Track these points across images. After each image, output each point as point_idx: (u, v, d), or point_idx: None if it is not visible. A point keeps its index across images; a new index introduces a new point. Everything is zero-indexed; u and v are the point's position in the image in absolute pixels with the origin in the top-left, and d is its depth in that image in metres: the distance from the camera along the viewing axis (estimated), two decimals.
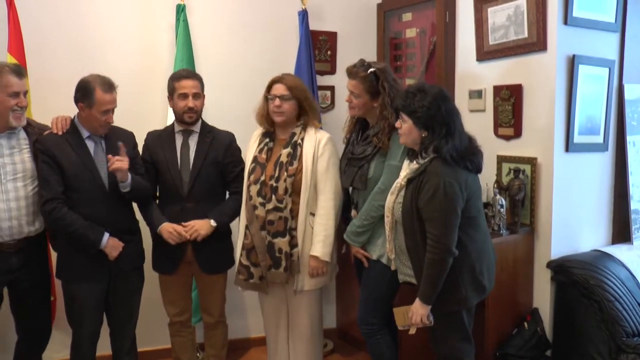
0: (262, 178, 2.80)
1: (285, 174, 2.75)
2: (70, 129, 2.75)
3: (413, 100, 2.32)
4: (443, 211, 2.25)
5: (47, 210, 2.66)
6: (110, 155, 2.65)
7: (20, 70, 2.65)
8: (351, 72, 2.74)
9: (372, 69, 2.68)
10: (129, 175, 2.69)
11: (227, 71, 3.55)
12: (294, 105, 2.83)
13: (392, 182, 2.54)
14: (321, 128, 3.00)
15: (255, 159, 2.87)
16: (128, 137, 2.87)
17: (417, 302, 2.36)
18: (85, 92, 2.66)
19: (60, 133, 2.73)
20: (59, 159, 2.67)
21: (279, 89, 2.81)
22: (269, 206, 2.75)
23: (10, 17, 3.07)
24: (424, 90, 2.34)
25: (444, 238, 2.25)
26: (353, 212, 2.81)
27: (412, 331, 2.47)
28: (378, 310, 2.74)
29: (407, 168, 2.45)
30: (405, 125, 2.37)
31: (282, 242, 2.75)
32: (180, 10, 3.40)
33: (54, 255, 2.89)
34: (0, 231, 2.62)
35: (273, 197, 2.75)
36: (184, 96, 2.87)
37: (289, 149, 2.79)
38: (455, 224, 2.27)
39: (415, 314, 2.37)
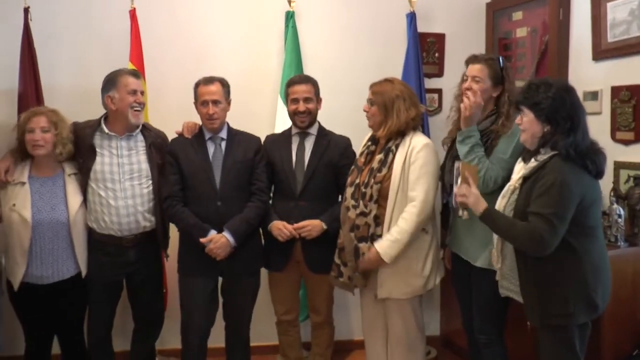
0: (357, 181, 2.80)
1: (373, 180, 2.73)
2: (197, 132, 2.96)
3: (536, 92, 2.21)
4: (556, 207, 2.10)
5: (164, 207, 2.87)
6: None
7: (136, 72, 2.91)
8: (475, 58, 2.70)
9: (497, 56, 2.64)
10: (230, 244, 2.82)
11: (335, 75, 3.60)
12: (377, 110, 2.78)
13: (499, 178, 2.47)
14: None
15: (355, 162, 2.89)
16: (252, 142, 3.00)
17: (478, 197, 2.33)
18: (194, 91, 2.89)
19: (188, 136, 2.93)
20: (181, 160, 2.87)
21: (369, 94, 2.83)
22: (357, 211, 2.75)
23: (133, 28, 3.33)
24: (547, 82, 2.23)
25: (547, 233, 2.10)
26: (464, 213, 2.64)
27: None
28: (495, 320, 2.64)
29: (523, 168, 2.33)
30: (525, 119, 2.26)
31: (365, 248, 2.72)
32: (290, 17, 3.51)
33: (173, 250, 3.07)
34: (120, 226, 2.82)
35: (361, 202, 2.75)
36: (295, 101, 2.96)
37: (381, 156, 2.76)
38: (564, 224, 2.12)
39: (473, 201, 2.34)
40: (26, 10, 3.28)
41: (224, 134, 2.96)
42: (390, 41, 3.68)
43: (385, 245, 2.66)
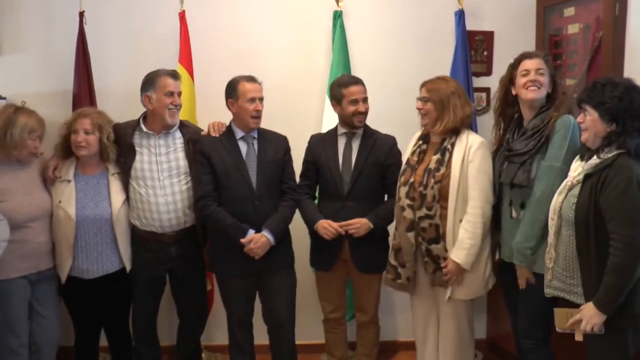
0: (411, 180, 2.78)
1: (432, 180, 2.70)
2: (226, 131, 2.96)
3: (602, 91, 2.16)
4: (637, 209, 2.05)
5: (199, 208, 2.90)
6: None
7: (174, 74, 2.94)
8: (531, 53, 2.70)
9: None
10: (270, 243, 2.84)
11: (382, 75, 3.58)
12: (432, 108, 2.76)
13: (555, 186, 2.38)
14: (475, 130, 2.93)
15: (407, 161, 2.87)
16: (280, 141, 3.01)
17: (592, 308, 2.14)
18: (231, 88, 2.90)
19: (216, 135, 2.95)
20: (213, 159, 2.88)
21: (422, 92, 2.81)
22: (420, 213, 2.72)
23: (182, 30, 3.39)
24: (614, 81, 2.18)
25: (638, 240, 2.04)
26: (514, 213, 2.65)
27: (579, 337, 2.23)
28: (542, 324, 2.57)
29: (580, 166, 2.28)
30: (589, 118, 2.21)
31: (438, 249, 2.71)
32: (337, 16, 3.51)
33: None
34: (160, 222, 2.89)
35: (423, 204, 2.72)
36: (355, 102, 2.95)
37: (438, 155, 2.74)
38: None
39: (588, 320, 2.14)
40: (81, 15, 3.40)
41: (255, 132, 2.97)
42: (438, 40, 3.63)
43: (462, 255, 2.65)
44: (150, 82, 2.89)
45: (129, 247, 2.95)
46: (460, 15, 3.52)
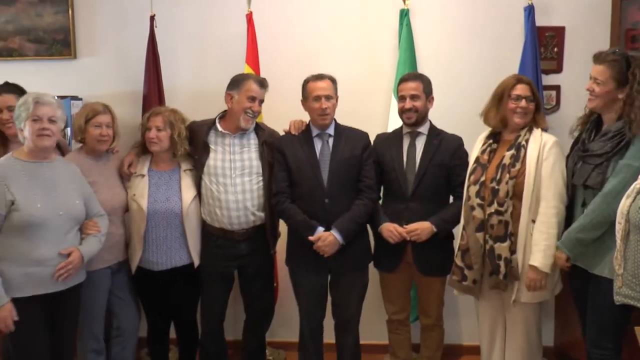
0: (482, 179, 2.72)
1: (507, 176, 2.64)
2: (304, 129, 3.00)
3: None
4: None
5: (273, 204, 2.95)
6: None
7: (263, 82, 2.99)
8: (599, 57, 2.54)
9: (624, 54, 2.46)
10: (339, 242, 2.85)
11: (449, 73, 3.53)
12: (534, 106, 2.74)
13: (627, 185, 2.27)
14: (546, 130, 2.83)
15: (477, 160, 2.81)
16: (360, 137, 3.01)
17: None
18: (303, 88, 2.95)
19: (295, 133, 2.99)
20: (288, 157, 2.93)
21: (525, 90, 2.73)
22: (490, 209, 2.66)
23: (249, 32, 3.45)
24: None
25: None
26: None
27: None
28: (612, 333, 2.46)
29: None
30: None
31: (502, 248, 2.65)
32: (404, 14, 3.48)
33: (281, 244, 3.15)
34: (230, 219, 2.95)
35: (494, 200, 2.66)
36: (402, 98, 2.93)
37: (512, 151, 2.68)
38: None
39: None
40: (152, 18, 3.53)
41: (331, 130, 2.98)
42: (506, 36, 3.53)
43: (539, 257, 2.60)
44: (236, 82, 2.96)
45: (198, 242, 3.03)
46: (530, 11, 3.41)
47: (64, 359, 2.69)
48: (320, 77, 2.93)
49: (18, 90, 2.92)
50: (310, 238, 2.84)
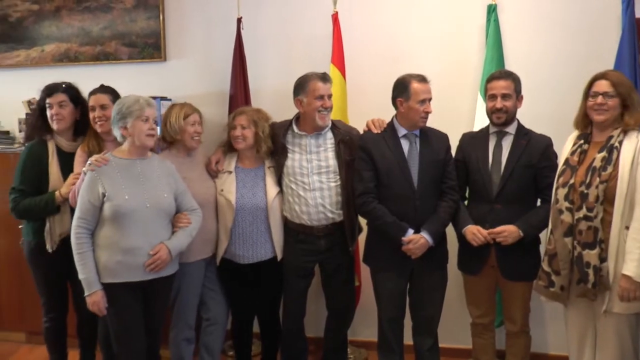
0: (571, 181, 2.59)
1: (598, 179, 2.50)
2: (388, 128, 2.98)
3: None
4: None
5: (358, 204, 2.94)
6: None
7: (324, 77, 3.00)
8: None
9: None
10: (429, 244, 2.84)
11: (538, 71, 3.40)
12: (617, 103, 2.56)
13: None
14: None
15: (566, 161, 2.68)
16: (442, 139, 2.98)
17: None
18: (402, 86, 2.88)
19: (377, 132, 2.97)
20: (374, 156, 2.91)
21: (603, 86, 2.58)
22: (579, 214, 2.53)
23: (335, 32, 3.48)
24: None
25: None
26: None
27: None
28: None
29: None
30: None
31: (590, 255, 2.51)
32: (491, 10, 3.39)
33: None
34: (309, 216, 3.00)
35: (583, 204, 2.54)
36: (493, 97, 2.85)
37: (603, 153, 2.53)
38: None
39: None
40: (239, 20, 3.63)
41: (417, 130, 2.95)
42: (601, 30, 3.35)
43: (632, 267, 2.44)
44: (301, 86, 3.01)
45: (281, 237, 3.10)
46: (628, 1, 3.21)
47: (153, 345, 2.82)
48: (423, 79, 2.88)
49: (111, 92, 3.08)
50: (404, 239, 2.83)
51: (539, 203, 2.90)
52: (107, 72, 3.95)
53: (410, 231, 2.84)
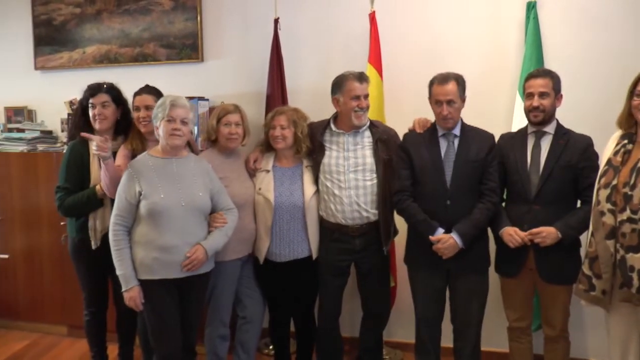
0: (614, 182, 2.52)
1: None
2: (430, 128, 2.98)
3: None
4: None
5: (395, 201, 2.96)
6: None
7: (361, 76, 3.00)
8: None
9: None
10: (458, 246, 2.80)
11: (580, 69, 3.33)
12: None
13: None
14: None
15: (609, 162, 2.61)
16: (486, 139, 2.93)
17: None
18: (429, 89, 2.90)
19: (421, 131, 2.97)
20: (412, 155, 2.92)
21: None
22: (622, 216, 2.47)
23: (372, 31, 3.47)
24: None
25: None
26: None
27: None
28: None
29: None
30: None
31: (635, 259, 2.43)
32: (531, 7, 3.33)
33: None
34: (344, 214, 3.01)
35: (626, 206, 2.48)
36: (530, 95, 2.81)
37: None
38: None
39: None
40: (276, 21, 3.66)
41: (457, 130, 2.92)
42: None
43: None
44: (337, 85, 3.03)
45: (317, 236, 3.12)
46: None
47: (189, 341, 2.86)
48: (445, 79, 2.85)
49: (156, 92, 3.14)
50: (432, 238, 2.83)
51: (579, 204, 2.84)
52: (146, 72, 4.03)
53: (440, 230, 2.83)
